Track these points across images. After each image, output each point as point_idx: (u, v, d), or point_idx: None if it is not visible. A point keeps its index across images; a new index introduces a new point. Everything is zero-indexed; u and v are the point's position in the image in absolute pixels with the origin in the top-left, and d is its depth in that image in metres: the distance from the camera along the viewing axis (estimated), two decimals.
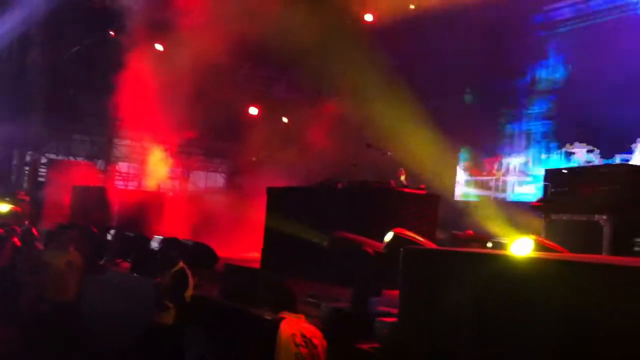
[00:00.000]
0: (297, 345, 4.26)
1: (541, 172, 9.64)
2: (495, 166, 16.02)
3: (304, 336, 4.32)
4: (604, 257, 5.27)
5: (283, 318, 4.40)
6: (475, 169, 16.57)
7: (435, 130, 13.81)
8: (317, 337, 4.43)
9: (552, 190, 6.37)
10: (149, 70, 17.19)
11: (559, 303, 3.00)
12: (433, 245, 5.94)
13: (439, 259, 3.79)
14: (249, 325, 6.29)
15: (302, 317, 4.57)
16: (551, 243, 4.86)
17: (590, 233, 5.84)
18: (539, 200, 6.60)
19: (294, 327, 4.34)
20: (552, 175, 6.46)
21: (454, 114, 16.52)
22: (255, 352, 4.39)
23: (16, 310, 8.84)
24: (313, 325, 4.60)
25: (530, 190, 14.24)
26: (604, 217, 5.78)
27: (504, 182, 15.53)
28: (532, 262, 3.32)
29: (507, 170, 15.55)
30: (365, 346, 4.97)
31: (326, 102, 16.38)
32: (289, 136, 18.11)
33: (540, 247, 4.44)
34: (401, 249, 3.82)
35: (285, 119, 20.03)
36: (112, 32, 19.79)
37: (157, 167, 19.21)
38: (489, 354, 3.34)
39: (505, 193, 15.42)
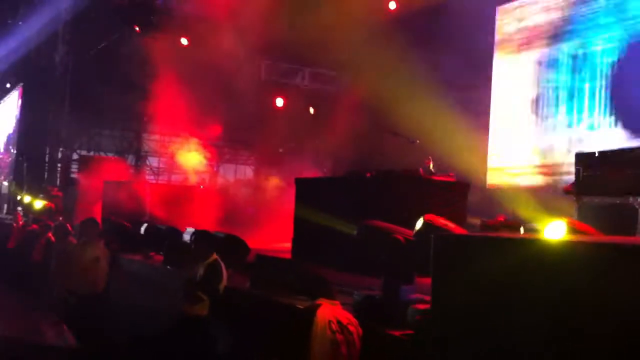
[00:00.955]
0: (333, 331, 4.28)
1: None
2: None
3: (339, 322, 4.34)
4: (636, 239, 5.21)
5: (320, 304, 4.43)
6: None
7: (464, 117, 13.74)
8: (352, 324, 4.45)
9: (584, 173, 6.31)
10: (174, 64, 17.32)
11: (593, 286, 2.97)
12: (464, 232, 5.91)
13: (470, 245, 3.77)
14: (280, 315, 6.33)
15: (338, 304, 4.59)
16: (584, 226, 4.81)
17: (624, 216, 5.78)
18: (571, 185, 6.54)
19: (330, 313, 4.37)
20: (583, 159, 6.39)
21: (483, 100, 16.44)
22: (291, 336, 4.41)
23: (51, 303, 9.04)
24: (349, 312, 4.62)
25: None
26: (638, 199, 5.71)
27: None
28: (566, 245, 3.29)
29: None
30: (397, 333, 4.97)
31: (352, 92, 16.33)
32: (315, 126, 18.11)
33: (574, 230, 4.40)
34: (432, 236, 3.81)
35: (311, 110, 20.04)
36: (137, 28, 19.94)
37: (191, 159, 19.37)
38: (522, 338, 3.32)
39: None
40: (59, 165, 23.44)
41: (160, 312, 7.63)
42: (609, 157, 6.17)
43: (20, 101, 25.98)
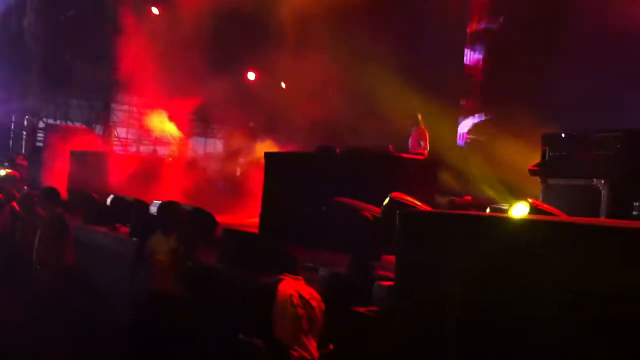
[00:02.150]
0: (294, 305, 4.28)
1: None
2: None
3: (301, 297, 4.35)
4: (603, 220, 5.28)
5: (282, 279, 4.43)
6: None
7: (436, 98, 13.77)
8: (315, 299, 4.46)
9: (550, 154, 6.36)
10: (145, 34, 17.04)
11: (557, 265, 3.00)
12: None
13: (435, 222, 3.78)
14: (247, 290, 6.31)
15: (301, 279, 4.60)
16: (549, 207, 4.86)
17: (588, 198, 5.85)
18: (537, 165, 6.58)
19: (292, 288, 4.38)
20: (549, 139, 6.44)
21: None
22: (254, 312, 4.42)
23: (15, 275, 8.88)
24: (313, 288, 4.62)
25: None
26: (602, 181, 5.78)
27: None
28: (530, 224, 3.32)
29: None
30: (363, 309, 5.00)
31: (326, 68, 16.24)
32: (287, 102, 18.00)
33: (538, 211, 4.45)
34: (398, 213, 3.82)
35: (283, 85, 19.91)
36: None
37: (167, 126, 19.16)
38: (485, 317, 3.36)
39: None
40: (24, 133, 23.02)
41: (127, 286, 7.54)
42: (575, 138, 6.21)
43: None
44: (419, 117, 11.05)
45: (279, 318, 4.26)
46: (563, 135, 6.31)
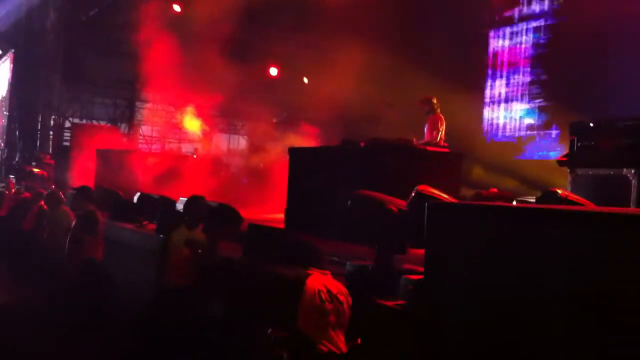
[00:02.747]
0: (322, 300, 4.28)
1: None
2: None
3: (329, 292, 4.35)
4: (634, 210, 5.20)
5: (310, 274, 4.43)
6: None
7: (460, 89, 13.65)
8: (342, 293, 4.46)
9: (579, 144, 6.27)
10: (167, 31, 17.13)
11: (584, 254, 2.96)
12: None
13: (464, 213, 3.75)
14: (273, 285, 6.33)
15: (329, 273, 4.60)
16: (578, 197, 4.79)
17: (617, 187, 5.76)
18: (565, 155, 6.49)
19: (319, 282, 4.38)
20: (577, 129, 6.35)
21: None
22: (281, 305, 4.43)
23: (43, 271, 9.01)
24: (339, 282, 4.62)
25: None
26: (632, 170, 5.69)
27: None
28: (558, 214, 3.28)
29: None
30: (390, 303, 4.97)
31: (347, 60, 16.19)
32: (310, 96, 17.98)
33: (567, 201, 4.38)
34: (425, 204, 3.79)
35: (305, 79, 19.89)
36: None
37: (187, 127, 19.26)
38: (514, 308, 3.32)
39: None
40: (51, 133, 23.28)
41: (151, 281, 7.60)
42: (603, 128, 6.12)
43: (12, 67, 25.71)
44: (434, 101, 10.22)
45: (307, 312, 4.26)
46: (591, 124, 6.22)
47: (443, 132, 9.84)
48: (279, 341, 4.36)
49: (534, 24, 15.56)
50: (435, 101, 10.08)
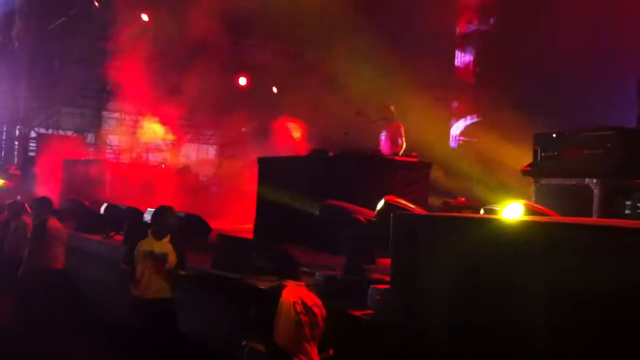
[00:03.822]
0: (297, 312, 4.26)
1: None
2: None
3: (304, 304, 4.32)
4: (596, 220, 5.30)
5: (285, 285, 4.41)
6: None
7: (428, 98, 13.77)
8: (317, 305, 4.43)
9: (542, 154, 6.38)
10: (135, 41, 17.03)
11: (550, 264, 3.02)
12: (424, 213, 5.94)
13: (429, 224, 3.79)
14: (244, 295, 6.32)
15: (304, 284, 4.57)
16: (541, 207, 4.87)
17: (581, 197, 5.86)
18: (529, 165, 6.60)
19: (295, 294, 4.35)
20: (541, 139, 6.46)
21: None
22: (256, 317, 4.38)
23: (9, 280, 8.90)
24: (313, 293, 4.59)
25: None
26: (594, 180, 5.80)
27: None
28: (522, 225, 3.34)
29: None
30: (358, 313, 5.00)
31: (315, 71, 16.25)
32: (278, 105, 18.01)
33: (531, 211, 4.46)
34: (392, 215, 3.83)
35: (274, 89, 19.90)
36: (96, 3, 19.53)
37: (157, 131, 19.12)
38: (480, 318, 3.37)
39: None
40: (16, 143, 22.93)
41: (120, 292, 7.53)
42: (566, 138, 6.23)
43: None
44: (392, 108, 10.05)
45: (283, 325, 4.23)
46: (554, 135, 6.33)
47: (403, 142, 9.89)
48: (253, 353, 4.35)
49: None
50: (393, 108, 10.08)
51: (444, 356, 3.59)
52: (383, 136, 10.07)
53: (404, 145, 9.85)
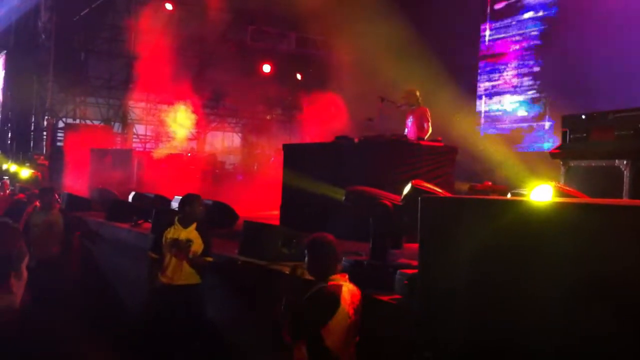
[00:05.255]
0: (349, 316, 4.14)
1: None
2: None
3: (354, 303, 4.20)
4: (627, 201, 5.22)
5: (341, 285, 4.23)
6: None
7: (454, 82, 13.66)
8: (359, 300, 4.32)
9: (571, 136, 6.29)
10: (159, 30, 17.11)
11: (581, 247, 2.97)
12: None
13: (457, 207, 3.75)
14: (272, 282, 6.34)
15: (346, 276, 4.43)
16: (571, 189, 4.81)
17: (611, 179, 5.77)
18: (557, 147, 6.51)
19: (350, 295, 4.19)
20: (570, 121, 6.36)
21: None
22: (308, 317, 4.19)
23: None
24: (355, 285, 4.44)
25: None
26: (625, 162, 5.71)
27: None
28: (552, 207, 3.29)
29: None
30: (386, 298, 4.99)
31: (340, 58, 16.20)
32: (302, 93, 18.00)
33: (560, 193, 4.39)
34: (419, 199, 3.79)
35: (299, 76, 19.90)
36: None
37: (180, 126, 19.24)
38: (509, 302, 3.34)
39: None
40: (44, 133, 23.25)
41: (149, 280, 7.60)
42: (595, 120, 6.13)
43: (3, 69, 25.63)
44: (418, 93, 10.04)
45: (336, 329, 4.06)
46: (583, 116, 6.23)
47: (429, 126, 9.84)
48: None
49: (527, 15, 15.60)
50: (418, 94, 10.04)
51: (471, 341, 3.57)
52: (409, 122, 10.03)
53: (430, 130, 9.80)
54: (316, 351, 4.12)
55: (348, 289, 4.27)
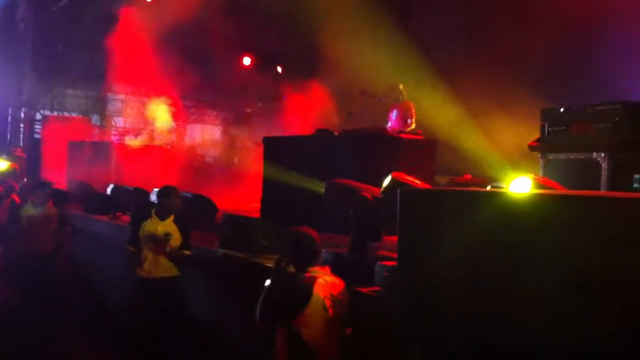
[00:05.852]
0: (326, 308, 4.12)
1: None
2: None
3: (332, 296, 4.16)
4: (604, 192, 5.28)
5: (316, 278, 4.21)
6: None
7: (435, 75, 13.65)
8: (342, 292, 4.25)
9: (549, 129, 6.34)
10: (138, 21, 16.95)
11: (558, 238, 2.99)
12: None
13: (436, 199, 3.77)
14: (252, 275, 6.33)
15: (328, 269, 4.42)
16: (550, 181, 4.85)
17: (588, 171, 5.84)
18: (536, 140, 6.56)
19: (326, 289, 4.16)
20: (548, 114, 6.41)
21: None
22: (282, 312, 4.17)
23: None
24: (337, 277, 4.40)
25: None
26: (602, 155, 5.77)
27: None
28: (530, 199, 3.31)
29: None
30: (365, 290, 5.01)
31: (321, 50, 16.15)
32: (283, 86, 17.94)
33: (539, 185, 4.43)
34: (398, 191, 3.80)
35: (279, 68, 19.82)
36: None
37: (159, 118, 19.10)
38: (487, 293, 3.36)
39: None
40: (22, 125, 22.98)
41: (128, 273, 7.56)
42: (574, 113, 6.18)
43: None
44: (401, 87, 10.02)
45: (311, 323, 4.06)
46: (562, 109, 6.28)
47: (413, 121, 9.82)
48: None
49: None
50: (402, 88, 10.03)
51: (451, 332, 3.59)
52: (393, 115, 10.01)
53: (413, 125, 9.80)
54: (293, 343, 4.12)
55: (325, 281, 4.24)
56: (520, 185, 4.34)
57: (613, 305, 2.88)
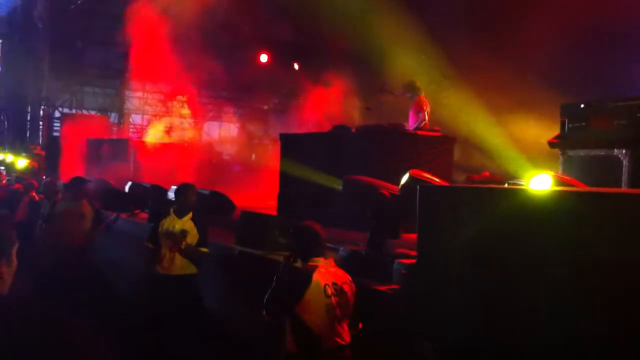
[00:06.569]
0: (328, 296, 4.16)
1: None
2: None
3: (335, 284, 4.22)
4: (626, 190, 5.20)
5: (316, 266, 4.28)
6: None
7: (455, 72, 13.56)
8: (347, 282, 4.33)
9: (569, 125, 6.26)
10: (155, 19, 16.99)
11: (577, 235, 2.96)
12: None
13: (455, 196, 3.73)
14: (268, 271, 6.32)
15: (332, 261, 4.48)
16: (570, 178, 4.78)
17: (609, 168, 5.76)
18: (556, 137, 6.48)
19: (327, 276, 4.22)
20: (568, 110, 6.33)
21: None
22: (285, 298, 4.25)
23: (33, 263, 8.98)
24: (342, 269, 4.49)
25: None
26: (623, 151, 5.69)
27: None
28: (550, 195, 3.27)
29: None
30: (383, 288, 4.98)
31: (338, 46, 16.09)
32: (300, 82, 17.91)
33: (559, 182, 4.37)
34: (417, 188, 3.77)
35: (296, 65, 19.79)
36: None
37: (178, 114, 19.17)
38: (508, 289, 3.32)
39: None
40: (41, 123, 23.17)
41: (145, 270, 7.58)
42: (594, 108, 6.10)
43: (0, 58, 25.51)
44: (417, 84, 10.03)
45: (313, 309, 4.11)
46: (582, 105, 6.20)
47: (427, 114, 9.75)
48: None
49: None
50: (417, 84, 9.98)
51: (469, 329, 3.56)
52: (410, 112, 9.99)
53: (426, 118, 9.72)
54: (296, 327, 4.19)
55: (327, 270, 4.31)
56: (540, 182, 4.29)
57: (629, 297, 2.84)
